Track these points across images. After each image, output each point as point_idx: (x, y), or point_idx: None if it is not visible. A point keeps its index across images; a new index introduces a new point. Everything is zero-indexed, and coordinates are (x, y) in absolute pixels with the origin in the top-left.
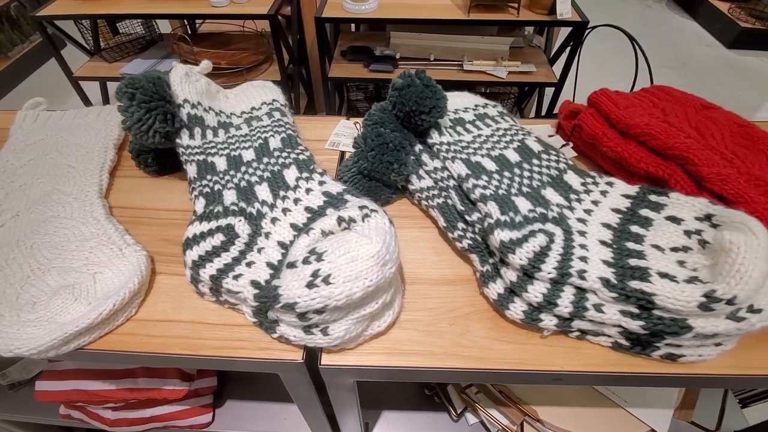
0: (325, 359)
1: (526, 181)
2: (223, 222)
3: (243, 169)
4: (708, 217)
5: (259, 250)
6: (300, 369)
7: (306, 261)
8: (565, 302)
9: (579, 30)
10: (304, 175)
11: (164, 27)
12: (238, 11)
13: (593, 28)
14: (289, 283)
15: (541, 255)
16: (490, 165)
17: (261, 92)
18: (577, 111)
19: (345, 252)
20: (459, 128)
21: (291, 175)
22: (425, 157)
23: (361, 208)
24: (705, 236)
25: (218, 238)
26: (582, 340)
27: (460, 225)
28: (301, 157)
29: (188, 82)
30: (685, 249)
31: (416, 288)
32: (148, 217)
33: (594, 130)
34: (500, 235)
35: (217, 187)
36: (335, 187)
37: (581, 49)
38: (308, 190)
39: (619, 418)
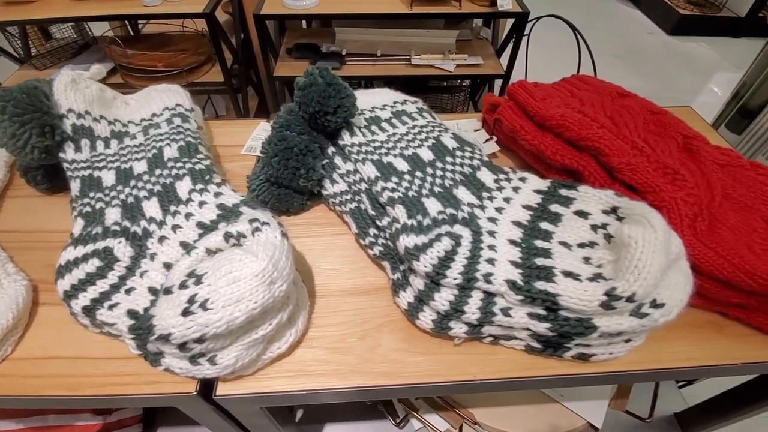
0: (221, 389)
1: (438, 181)
2: (100, 245)
3: (132, 183)
4: (614, 210)
5: (142, 274)
6: (195, 401)
7: (183, 285)
8: (473, 308)
9: (521, 21)
10: (199, 186)
11: (102, 29)
12: (171, 11)
13: (537, 19)
14: (163, 312)
15: (446, 260)
16: (402, 165)
17: (164, 97)
18: (497, 104)
19: (226, 272)
20: (374, 127)
21: (184, 187)
22: (338, 160)
23: (252, 221)
24: (610, 230)
25: (93, 264)
26: (496, 345)
27: (372, 231)
28: (198, 166)
29: (75, 89)
30: (592, 244)
31: (327, 301)
32: (36, 240)
33: (512, 124)
34: (405, 241)
35: (99, 205)
36: (232, 199)
37: (529, 40)
38: (202, 203)
39: (556, 413)
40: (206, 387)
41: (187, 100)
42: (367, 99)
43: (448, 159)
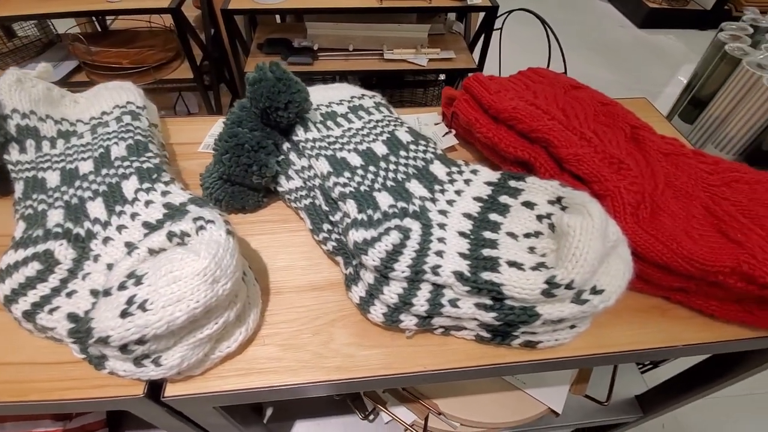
0: (170, 390)
1: (391, 175)
2: (40, 248)
3: (77, 183)
4: (559, 200)
5: (84, 277)
6: (145, 404)
7: (122, 286)
8: (421, 301)
9: (491, 15)
10: (145, 185)
11: (68, 26)
12: (136, 6)
13: (508, 13)
14: (102, 314)
15: (395, 254)
16: (356, 160)
17: (115, 95)
18: (454, 98)
19: (166, 272)
20: (329, 122)
21: (130, 186)
22: (293, 156)
23: (196, 219)
24: (554, 219)
25: (33, 268)
26: (447, 336)
27: (326, 226)
28: (145, 165)
29: (20, 89)
30: (537, 234)
31: (281, 298)
32: None
33: (468, 117)
34: (354, 236)
35: (41, 207)
36: (180, 197)
37: (502, 34)
38: (148, 203)
39: (518, 400)
40: (155, 389)
41: (139, 97)
42: (324, 94)
43: (402, 153)
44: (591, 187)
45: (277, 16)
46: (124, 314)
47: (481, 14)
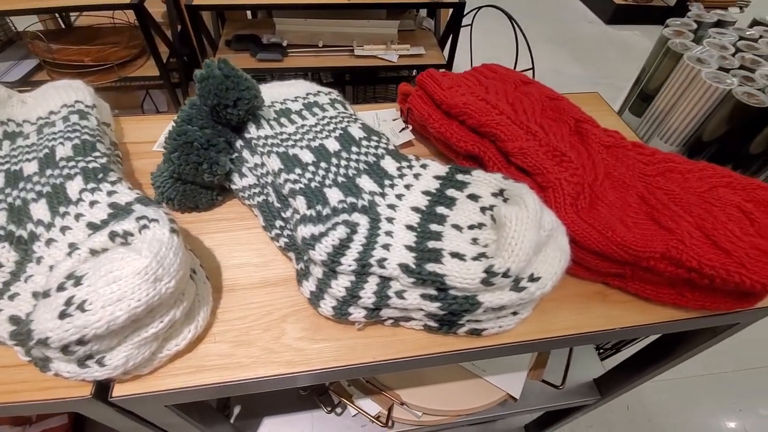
0: (118, 390)
1: (342, 171)
2: None
3: (21, 185)
4: (501, 192)
5: (27, 279)
6: (93, 405)
7: (61, 288)
8: (368, 293)
9: (458, 11)
10: (90, 185)
11: (28, 23)
12: (96, 2)
13: (478, 9)
14: (41, 316)
15: (341, 248)
16: (307, 156)
17: (63, 94)
18: (409, 93)
19: (106, 272)
20: (283, 119)
21: (75, 187)
22: (246, 154)
23: (140, 218)
24: (495, 211)
25: None
26: (397, 327)
27: (278, 223)
28: (92, 165)
29: None
30: (480, 225)
31: (234, 295)
32: None
33: (421, 112)
34: (302, 231)
35: None
36: (126, 197)
37: (473, 30)
38: (93, 203)
39: (479, 387)
40: (103, 389)
41: (89, 95)
42: (279, 90)
43: (354, 149)
44: (535, 179)
45: (249, 12)
46: (63, 315)
47: (451, 10)
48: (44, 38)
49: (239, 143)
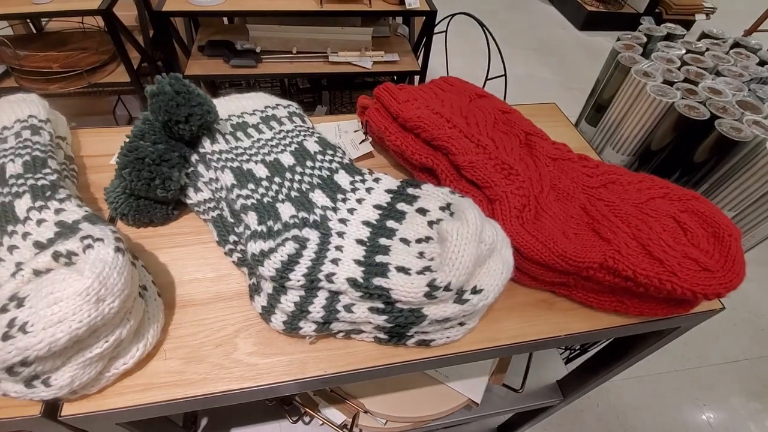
0: (67, 409)
1: (296, 185)
2: None
3: None
4: (448, 206)
5: None
6: (44, 424)
7: (3, 309)
8: (317, 308)
9: (431, 19)
10: (38, 204)
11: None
12: (64, 8)
13: (451, 16)
14: None
15: (290, 264)
16: (261, 171)
17: (16, 108)
18: (366, 106)
19: (47, 294)
20: (239, 133)
21: (23, 205)
22: (201, 168)
23: (84, 238)
24: (442, 225)
25: None
26: (349, 340)
27: (232, 238)
28: (40, 182)
29: None
30: (427, 239)
31: (187, 311)
32: None
33: (378, 125)
34: (252, 248)
35: None
36: (74, 215)
37: (447, 37)
38: (40, 222)
39: (441, 393)
40: (53, 408)
41: (43, 109)
42: (237, 104)
43: (308, 163)
44: (484, 191)
45: (225, 18)
46: (6, 337)
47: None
48: (10, 45)
49: (194, 158)
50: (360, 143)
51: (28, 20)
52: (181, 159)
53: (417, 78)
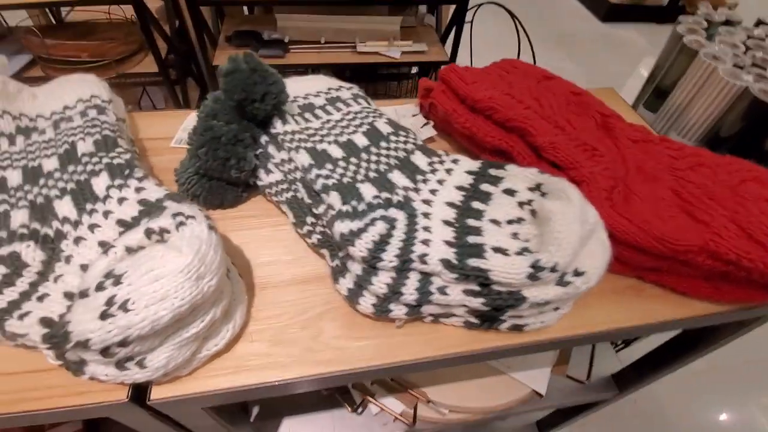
0: (156, 392)
1: (373, 166)
2: (5, 250)
3: (42, 181)
4: (538, 187)
5: (56, 279)
6: (129, 409)
7: (100, 287)
8: (410, 289)
9: (462, 8)
10: (117, 182)
11: (19, 18)
12: None
13: (479, 5)
14: (80, 317)
15: (382, 244)
16: (336, 152)
17: (77, 88)
18: (431, 89)
19: (148, 270)
20: (308, 114)
21: (101, 183)
22: (272, 149)
23: (175, 215)
24: (534, 206)
25: None
26: (437, 324)
27: (309, 219)
28: (116, 161)
29: None
30: (519, 220)
31: (267, 294)
32: None
33: (445, 107)
34: (340, 227)
35: (3, 207)
36: (156, 193)
37: (473, 27)
38: (122, 200)
39: (503, 384)
40: (139, 392)
41: (105, 90)
42: (300, 86)
43: (383, 144)
44: (567, 173)
45: (245, 8)
46: (104, 315)
47: (452, 7)
48: (39, 33)
49: (264, 139)
50: (421, 127)
51: (48, 10)
52: (252, 140)
53: None
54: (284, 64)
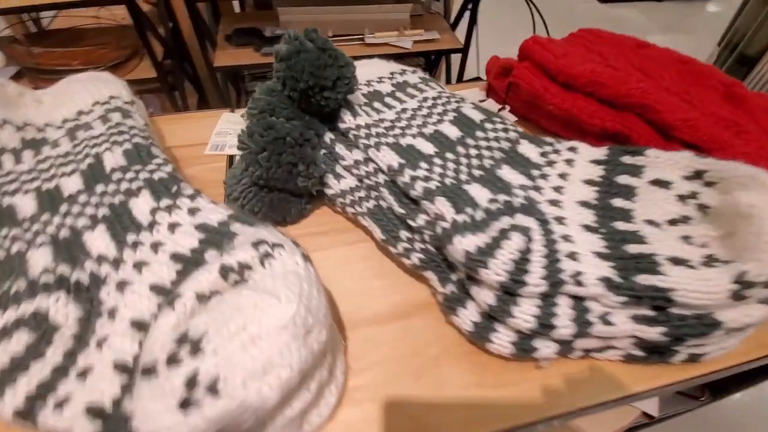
0: None
1: (475, 162)
2: (27, 308)
3: (64, 208)
4: (698, 175)
5: (100, 343)
6: None
7: (173, 360)
8: (564, 321)
9: None
10: (164, 202)
11: None
12: None
13: None
14: (149, 407)
15: (523, 262)
16: (427, 147)
17: (92, 88)
18: (509, 67)
19: (238, 329)
20: (377, 104)
21: (143, 206)
22: (340, 149)
23: (257, 244)
24: (703, 199)
25: (20, 340)
26: (586, 359)
27: (404, 234)
28: (157, 174)
29: None
30: (685, 219)
31: (360, 334)
32: None
33: (533, 87)
34: (462, 244)
35: (16, 247)
36: (216, 214)
37: (478, 12)
38: (173, 226)
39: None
40: None
41: (125, 90)
42: (359, 71)
43: (479, 134)
44: (711, 156)
45: (236, 4)
46: (186, 404)
47: None
48: (23, 41)
49: (329, 137)
50: (498, 111)
51: (29, 18)
52: (317, 138)
53: (457, 57)
54: None
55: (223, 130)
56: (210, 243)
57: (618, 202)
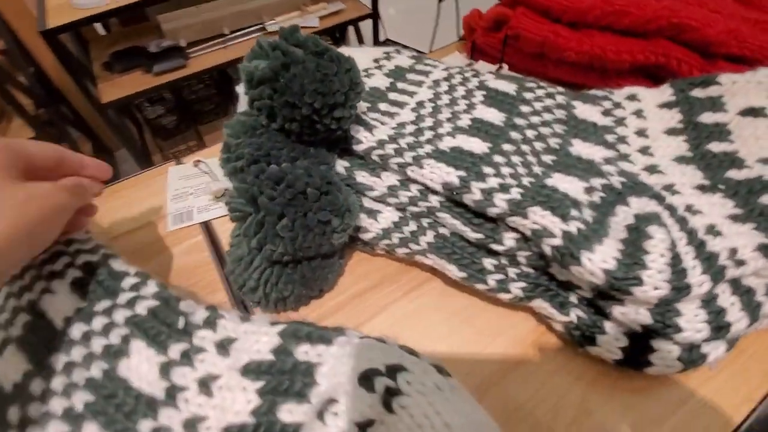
0: None
1: (539, 145)
2: None
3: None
4: None
5: None
6: None
7: None
8: (735, 314)
9: None
10: (175, 349)
11: None
12: None
13: None
14: None
15: (676, 262)
16: (476, 144)
17: None
18: (503, 18)
19: None
20: (382, 106)
21: (142, 367)
22: (364, 177)
23: (365, 377)
24: None
25: None
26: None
27: (489, 263)
28: (141, 306)
29: None
30: None
31: (496, 397)
32: None
33: (541, 34)
34: (594, 262)
35: None
36: (261, 337)
37: None
38: (206, 384)
39: None
40: None
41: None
42: None
43: (524, 108)
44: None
45: (99, 26)
46: None
47: None
48: None
49: (342, 165)
50: (496, 71)
51: None
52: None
53: (368, 23)
54: (188, 75)
55: (179, 191)
56: (277, 393)
57: (716, 147)
